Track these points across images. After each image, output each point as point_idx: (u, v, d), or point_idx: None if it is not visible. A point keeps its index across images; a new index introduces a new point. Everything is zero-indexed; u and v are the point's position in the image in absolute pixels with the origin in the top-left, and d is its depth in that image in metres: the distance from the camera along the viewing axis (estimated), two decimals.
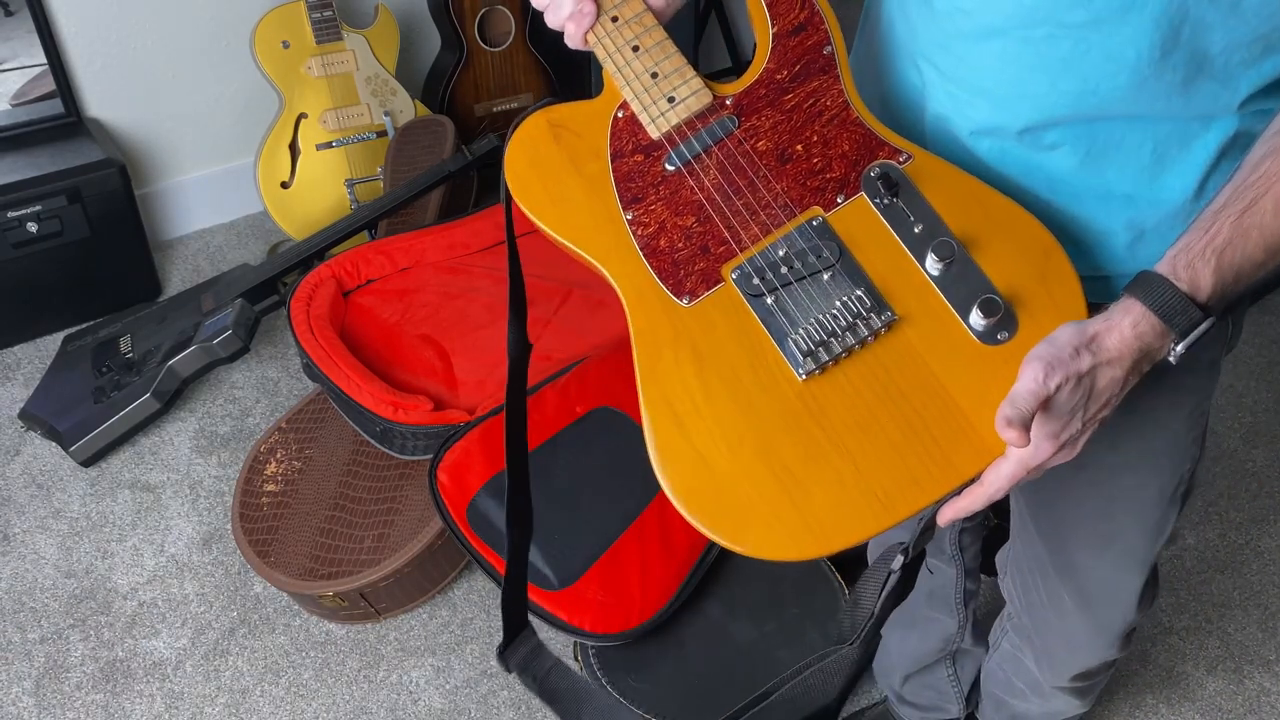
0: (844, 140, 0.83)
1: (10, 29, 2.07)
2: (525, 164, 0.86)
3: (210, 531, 1.81)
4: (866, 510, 0.73)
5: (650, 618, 1.46)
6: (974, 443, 0.74)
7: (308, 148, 2.22)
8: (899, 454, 0.74)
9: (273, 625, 1.68)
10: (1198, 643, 1.66)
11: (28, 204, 2.00)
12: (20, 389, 2.04)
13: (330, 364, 1.72)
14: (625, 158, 0.85)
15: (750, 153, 0.83)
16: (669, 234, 0.82)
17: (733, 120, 0.84)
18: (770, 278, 0.79)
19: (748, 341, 0.78)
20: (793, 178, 0.82)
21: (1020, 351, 0.72)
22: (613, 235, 0.83)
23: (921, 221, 0.79)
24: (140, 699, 1.59)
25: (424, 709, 1.58)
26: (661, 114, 0.85)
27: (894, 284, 0.78)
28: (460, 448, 1.60)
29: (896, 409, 0.75)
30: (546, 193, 0.85)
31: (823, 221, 0.80)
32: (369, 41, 2.22)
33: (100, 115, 2.22)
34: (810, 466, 0.74)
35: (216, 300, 1.97)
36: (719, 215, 0.82)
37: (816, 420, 0.75)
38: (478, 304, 1.89)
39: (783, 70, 0.85)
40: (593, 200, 0.84)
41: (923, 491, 0.73)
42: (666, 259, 0.82)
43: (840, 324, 0.76)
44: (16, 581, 1.74)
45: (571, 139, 0.86)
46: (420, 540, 1.59)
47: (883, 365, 0.76)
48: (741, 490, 0.74)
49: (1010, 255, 0.77)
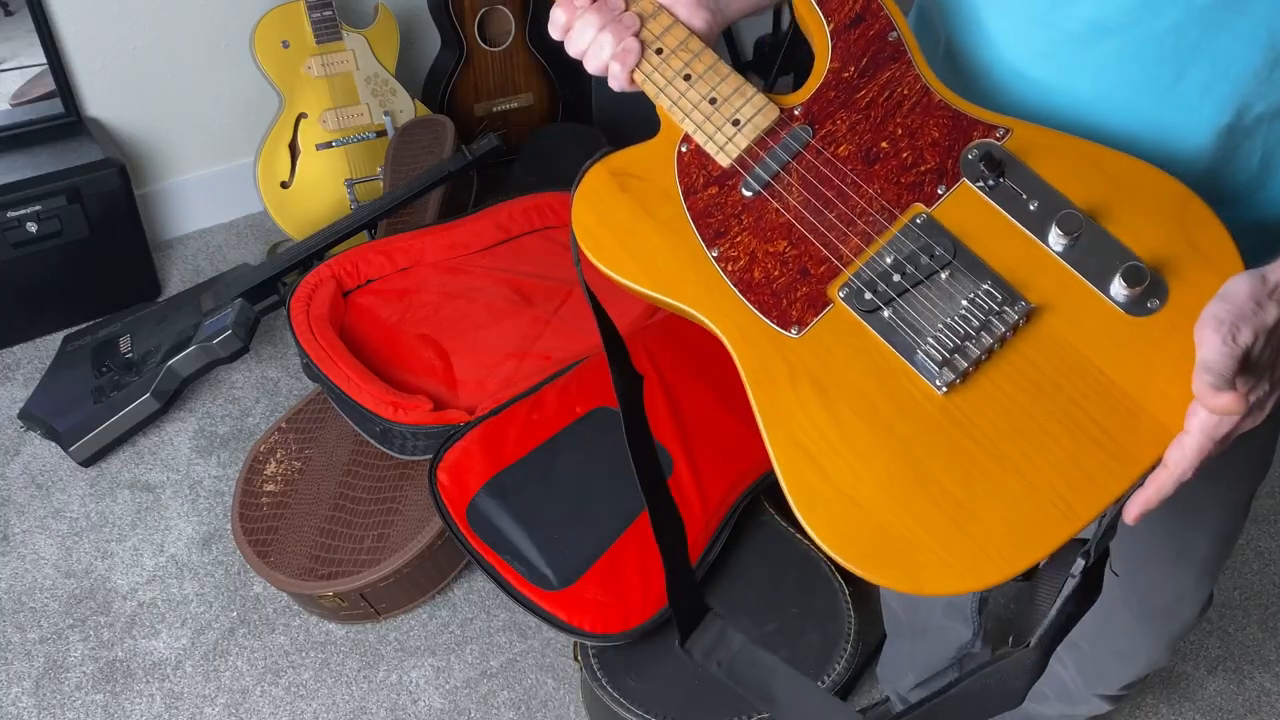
0: (932, 127, 0.76)
1: (10, 29, 2.07)
2: (595, 220, 0.80)
3: (210, 531, 1.81)
4: (1045, 521, 0.66)
5: (650, 618, 1.46)
6: (1147, 426, 0.67)
7: (307, 147, 2.22)
8: (1068, 454, 0.67)
9: (273, 625, 1.68)
10: (1198, 643, 1.66)
11: (27, 204, 2.00)
12: (20, 389, 2.04)
13: (330, 364, 1.72)
14: (699, 193, 0.79)
15: (832, 160, 0.77)
16: (762, 264, 0.76)
17: (807, 130, 0.78)
18: (883, 289, 0.72)
19: (873, 362, 0.71)
20: (884, 178, 0.76)
21: (1178, 318, 0.66)
22: (702, 277, 0.77)
23: (1036, 197, 0.72)
24: (140, 699, 1.59)
25: (424, 709, 1.58)
26: (729, 139, 0.79)
27: (1022, 270, 0.71)
28: (460, 448, 1.60)
29: (1055, 405, 0.68)
30: (623, 246, 0.79)
31: (928, 218, 0.74)
32: (369, 41, 2.22)
33: (100, 115, 2.22)
34: (973, 486, 0.67)
35: (216, 300, 1.97)
36: (813, 233, 0.76)
37: (969, 434, 0.69)
38: (478, 304, 1.89)
39: (849, 67, 0.79)
40: (673, 244, 0.78)
41: (1102, 489, 0.66)
42: (765, 291, 0.75)
43: (973, 324, 0.70)
44: (16, 581, 1.74)
45: (638, 185, 0.80)
46: (420, 540, 1.59)
47: (1029, 361, 0.69)
48: (902, 526, 0.67)
49: (1144, 215, 0.70)
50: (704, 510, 1.54)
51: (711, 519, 1.54)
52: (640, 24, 0.79)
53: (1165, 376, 0.66)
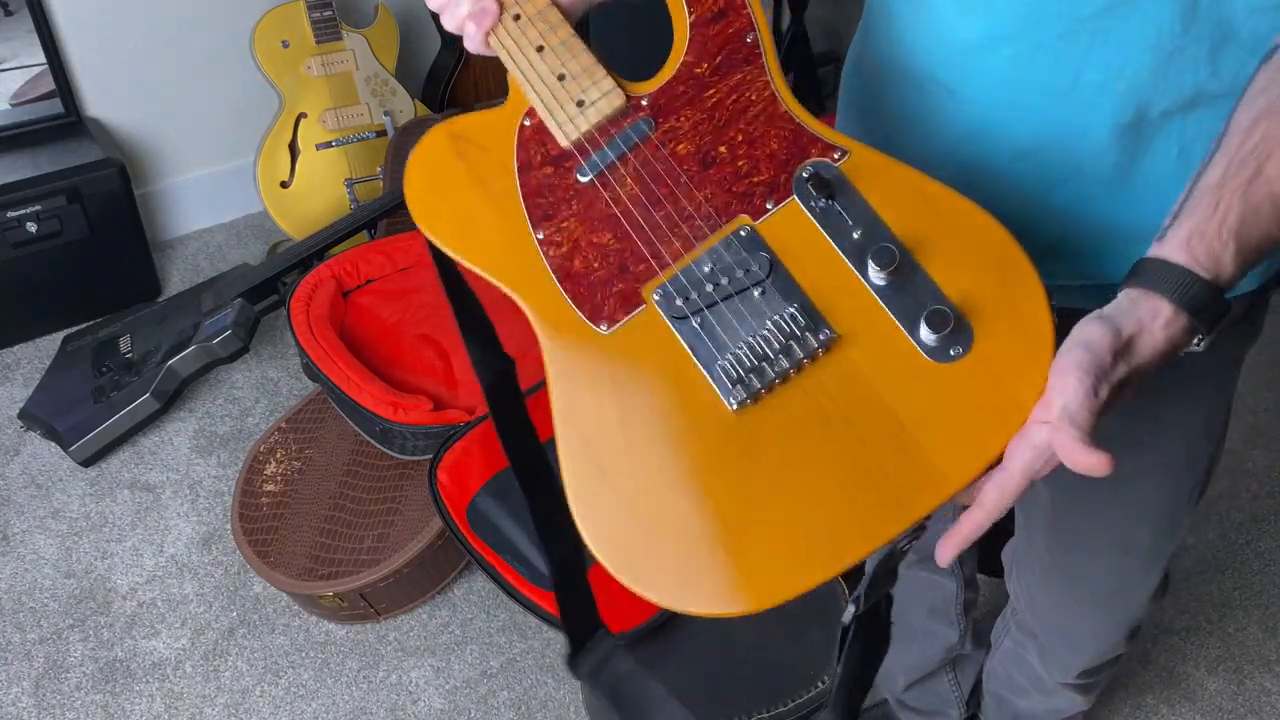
0: (772, 138, 0.74)
1: (10, 29, 2.07)
2: (425, 185, 0.77)
3: (210, 531, 1.80)
4: (811, 558, 0.64)
5: (650, 618, 1.46)
6: (929, 476, 0.64)
7: (307, 147, 2.22)
8: (845, 492, 0.64)
9: (272, 625, 1.68)
10: (1198, 643, 1.66)
11: (27, 204, 2.00)
12: (20, 389, 2.04)
13: (330, 364, 1.72)
14: (534, 170, 0.77)
15: (669, 158, 0.75)
16: (584, 253, 0.74)
17: (649, 123, 0.76)
18: (695, 297, 0.70)
19: (674, 370, 0.69)
20: (717, 183, 0.73)
21: (977, 368, 0.64)
22: (523, 258, 0.74)
23: (861, 226, 0.69)
24: (140, 699, 1.59)
25: (424, 709, 1.58)
26: (570, 119, 0.76)
27: (832, 298, 0.69)
28: (460, 448, 1.60)
29: (841, 440, 0.65)
30: (451, 215, 0.76)
31: (751, 231, 0.72)
32: (369, 41, 2.22)
33: (100, 115, 2.22)
34: (746, 510, 0.65)
35: (216, 300, 1.97)
36: (637, 230, 0.74)
37: (751, 457, 0.66)
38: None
39: (702, 63, 0.76)
40: (501, 220, 0.75)
41: (874, 533, 0.64)
42: (582, 281, 0.73)
43: (774, 346, 0.67)
44: (16, 581, 1.74)
45: (476, 153, 0.78)
46: (420, 540, 1.59)
47: (824, 390, 0.67)
48: (671, 541, 0.65)
49: (961, 258, 0.68)
50: None
51: None
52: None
53: (956, 426, 0.64)
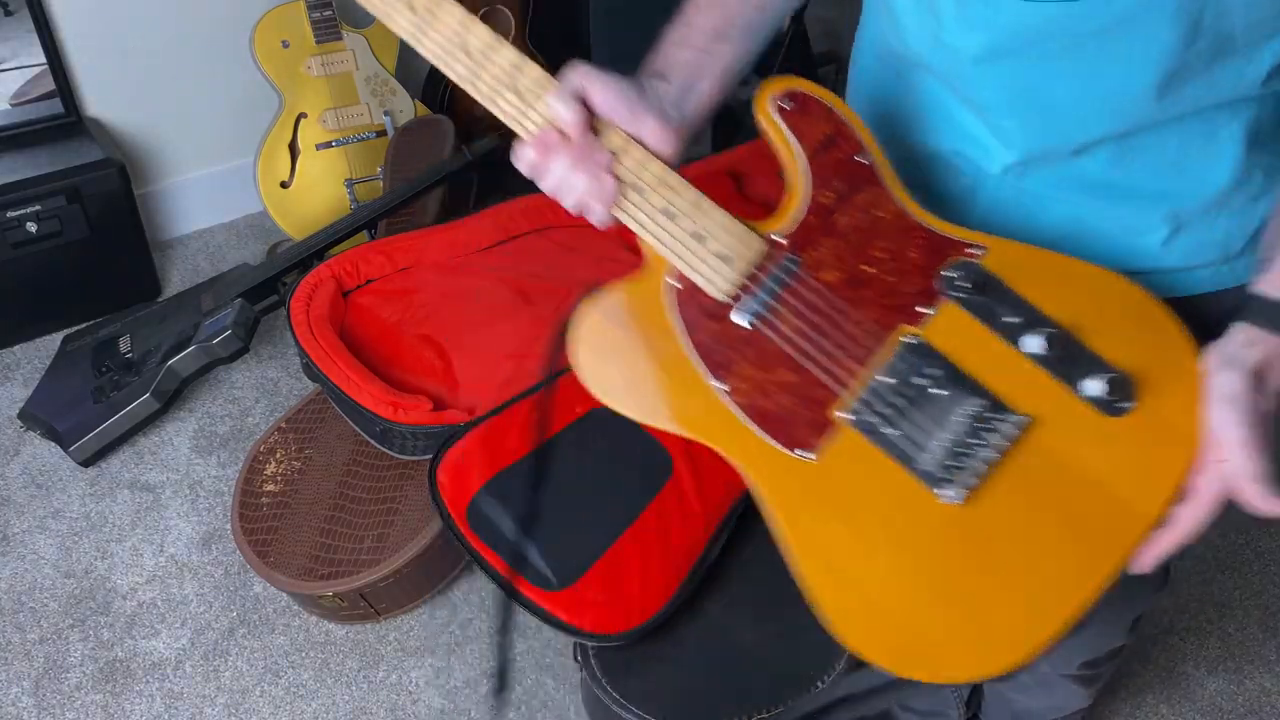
0: (911, 248, 0.79)
1: (10, 29, 2.07)
2: (598, 363, 0.81)
3: (210, 531, 1.80)
4: (1051, 612, 0.74)
5: (650, 618, 1.45)
6: (1130, 516, 0.75)
7: (307, 147, 2.22)
8: (1060, 550, 0.74)
9: (272, 625, 1.68)
10: (1198, 643, 1.66)
11: (27, 204, 2.00)
12: (20, 389, 2.04)
13: (330, 364, 1.71)
14: (697, 328, 0.80)
15: (821, 287, 0.79)
16: (767, 392, 0.79)
17: (793, 259, 0.79)
18: (884, 410, 0.77)
19: (885, 479, 0.76)
20: (871, 301, 0.79)
21: (1148, 416, 0.74)
22: (709, 410, 0.79)
23: (1014, 312, 0.76)
24: (140, 699, 1.59)
25: (424, 709, 1.58)
26: (720, 274, 0.79)
27: (1009, 384, 0.76)
28: (460, 448, 1.59)
29: (1046, 506, 0.75)
30: (630, 387, 0.80)
31: (917, 339, 0.78)
32: (369, 41, 2.22)
33: (100, 115, 2.22)
34: (980, 586, 0.74)
35: (216, 300, 1.97)
36: (811, 360, 0.78)
37: (978, 540, 0.75)
38: (478, 304, 1.89)
39: (826, 192, 0.80)
40: (678, 380, 0.80)
41: (1089, 579, 0.75)
42: (773, 419, 0.78)
43: (973, 440, 0.75)
44: (16, 581, 1.74)
45: (636, 324, 0.81)
46: (420, 540, 1.59)
47: (1025, 469, 0.75)
48: (930, 628, 0.74)
49: (1111, 323, 0.76)
50: (704, 510, 1.54)
51: (711, 519, 1.54)
52: (613, 159, 0.77)
53: (1140, 468, 0.73)
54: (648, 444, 1.60)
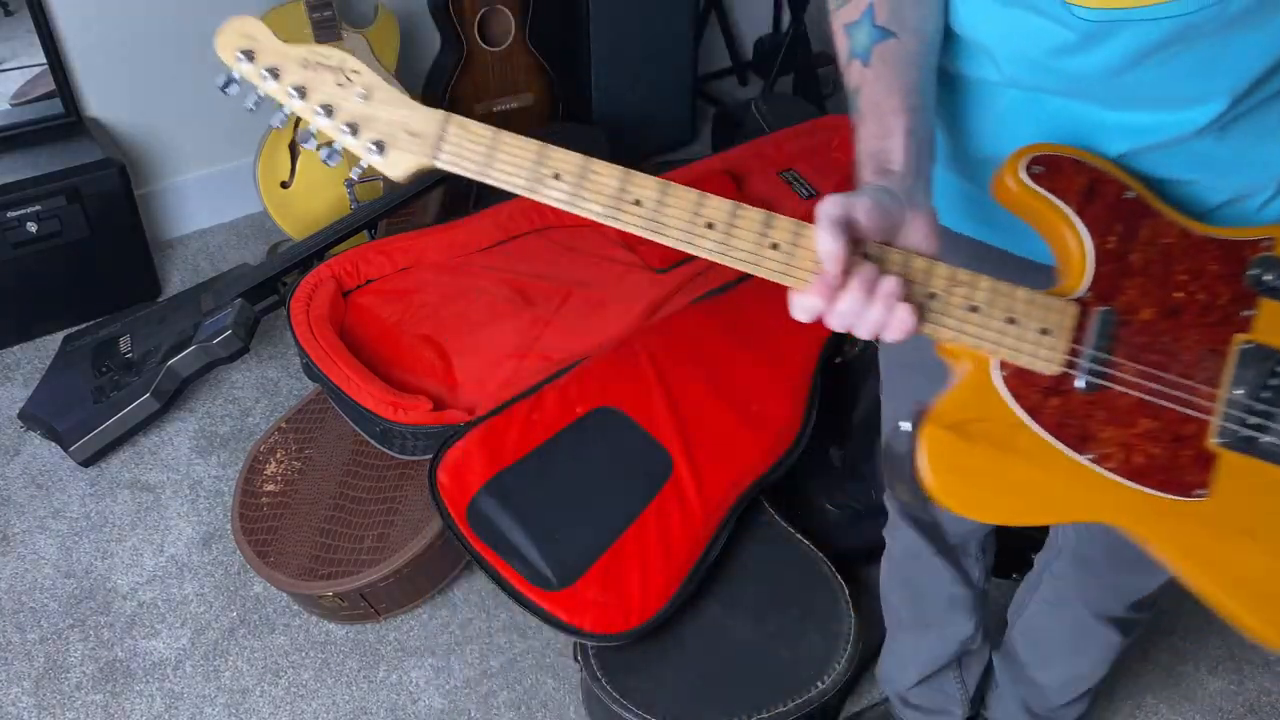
0: (1208, 262, 0.80)
1: (10, 29, 2.07)
2: (960, 482, 0.79)
3: (210, 531, 1.81)
4: None
5: (650, 618, 1.46)
6: None
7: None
8: None
9: (273, 625, 1.68)
10: (1199, 643, 1.66)
11: (27, 204, 2.00)
12: (20, 389, 2.04)
13: (330, 364, 1.72)
14: (1043, 409, 0.79)
15: (1144, 328, 0.79)
16: (1137, 448, 0.79)
17: (1108, 311, 0.79)
18: (1253, 421, 0.78)
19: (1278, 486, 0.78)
20: (1194, 324, 0.79)
21: None
22: (1090, 486, 0.79)
23: None
24: (140, 699, 1.59)
25: (424, 709, 1.58)
26: (1046, 349, 0.78)
27: None
28: (460, 448, 1.60)
29: None
30: (1000, 494, 0.80)
31: (1252, 343, 0.78)
32: (369, 41, 2.22)
33: (100, 115, 2.22)
34: None
35: (216, 300, 1.97)
36: (1165, 400, 0.79)
37: None
38: (478, 304, 1.89)
39: (1108, 238, 0.81)
40: (1047, 470, 0.79)
41: None
42: (1153, 472, 0.79)
43: None
44: (16, 581, 1.74)
45: (981, 428, 0.79)
46: (420, 540, 1.59)
47: None
48: None
49: None
50: (704, 510, 1.54)
51: (711, 519, 1.54)
52: (899, 285, 0.73)
53: None
54: (648, 444, 1.60)
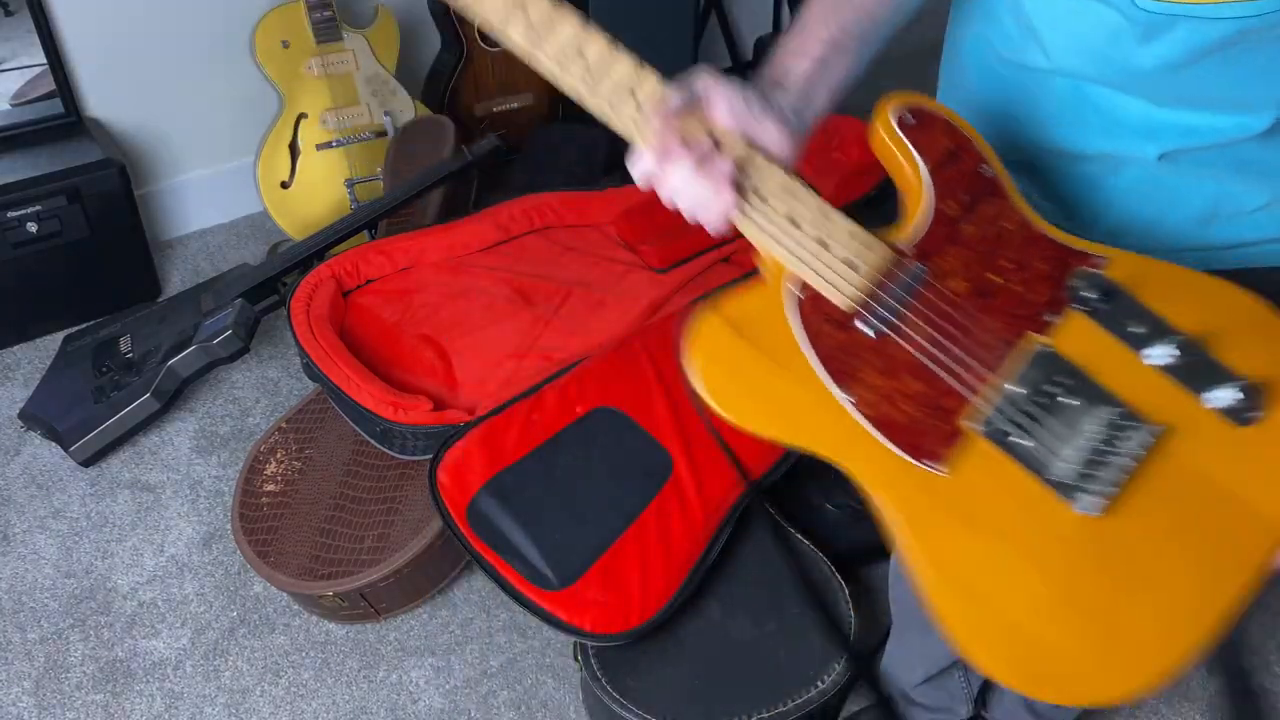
0: (1037, 258, 0.79)
1: (10, 29, 2.07)
2: (718, 372, 0.78)
3: (210, 531, 1.81)
4: (1188, 628, 0.72)
5: (650, 618, 1.46)
6: (1262, 527, 0.74)
7: (308, 148, 2.22)
8: (1193, 562, 0.73)
9: (273, 625, 1.68)
10: None
11: (27, 204, 2.00)
12: (20, 389, 2.04)
13: (330, 364, 1.71)
14: (824, 338, 0.78)
15: (949, 296, 0.79)
16: (895, 402, 0.77)
17: (920, 268, 0.79)
18: (1017, 419, 0.76)
19: (1017, 489, 0.75)
20: (999, 311, 0.78)
21: (1276, 424, 0.74)
22: (836, 422, 0.78)
23: (1141, 322, 0.76)
24: (140, 699, 1.59)
25: (424, 709, 1.58)
26: (846, 282, 0.78)
27: (1139, 393, 0.76)
28: (460, 448, 1.60)
29: (1185, 518, 0.74)
30: (751, 398, 0.78)
31: (1046, 348, 0.77)
32: (369, 41, 2.22)
33: (100, 115, 2.22)
34: (1117, 601, 0.73)
35: (216, 300, 1.97)
36: (941, 368, 0.78)
37: (1114, 554, 0.74)
38: (478, 304, 1.89)
39: (950, 203, 0.80)
40: (803, 392, 0.78)
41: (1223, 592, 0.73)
42: (901, 429, 0.77)
43: (1108, 449, 0.74)
44: (16, 581, 1.74)
45: (758, 333, 0.79)
46: (420, 540, 1.59)
47: (1160, 479, 0.74)
48: (1063, 646, 0.72)
49: (1235, 333, 0.76)
50: (704, 510, 1.54)
51: (711, 519, 1.54)
52: (735, 169, 0.75)
53: (1272, 477, 0.73)
54: (648, 444, 1.60)
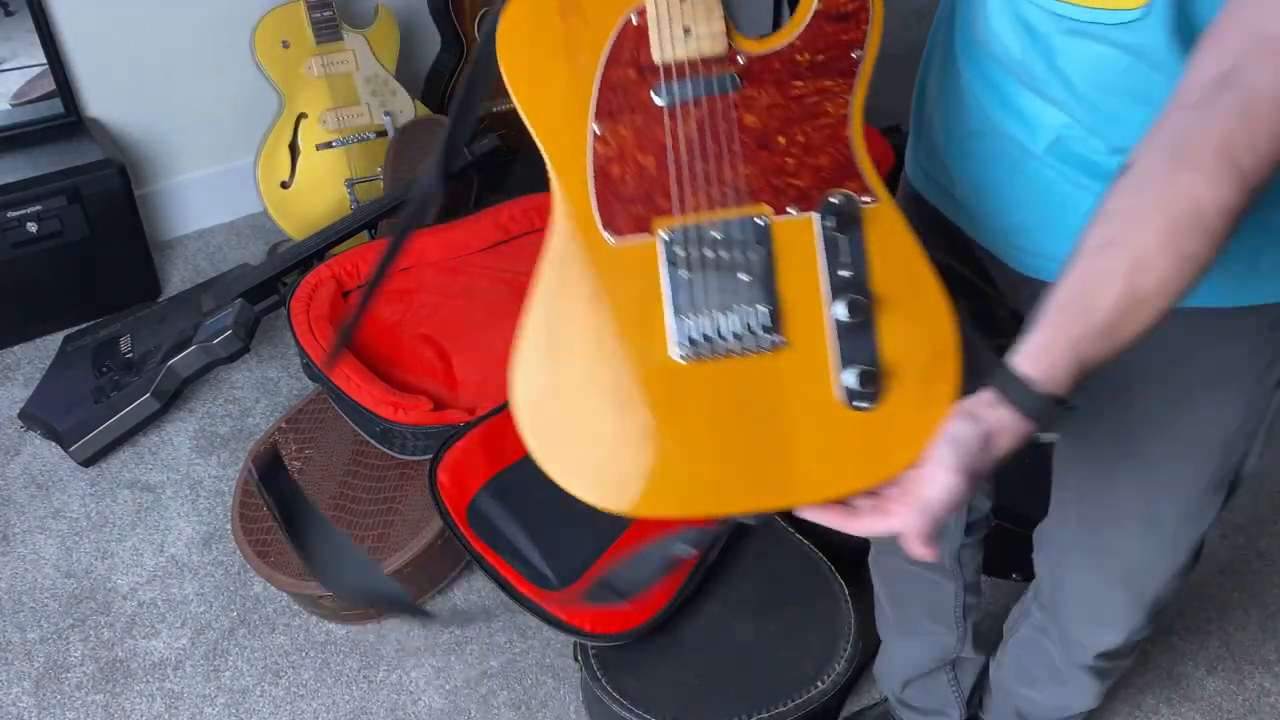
0: (824, 153, 0.79)
1: (10, 29, 2.07)
2: (523, 30, 0.80)
3: (210, 531, 1.81)
4: (680, 494, 0.78)
5: (650, 618, 1.46)
6: (787, 483, 0.76)
7: (308, 148, 2.22)
8: (726, 460, 0.77)
9: (273, 625, 1.68)
10: (1198, 643, 1.66)
11: (28, 204, 2.00)
12: (20, 389, 2.04)
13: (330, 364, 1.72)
14: (620, 67, 0.80)
15: (735, 122, 0.79)
16: (624, 165, 0.80)
17: (735, 81, 0.79)
18: (695, 255, 0.78)
19: (645, 302, 0.78)
20: (761, 166, 0.79)
21: (873, 425, 0.75)
22: (573, 139, 0.80)
23: (852, 267, 0.77)
24: (140, 699, 1.59)
25: (424, 709, 1.58)
26: (672, 40, 0.79)
27: (797, 313, 0.77)
28: (460, 448, 1.60)
29: (743, 422, 0.77)
30: (531, 67, 0.81)
31: (767, 224, 0.78)
32: (369, 41, 2.22)
33: (100, 115, 2.22)
34: (651, 435, 0.77)
35: (216, 300, 1.97)
36: (677, 169, 0.79)
37: (672, 399, 0.77)
38: (478, 304, 1.89)
39: (805, 53, 0.80)
40: (571, 95, 0.80)
41: (728, 502, 0.78)
42: (610, 188, 0.80)
43: (734, 328, 0.77)
44: (16, 581, 1.74)
45: (578, 21, 0.81)
46: (420, 540, 1.59)
47: (750, 378, 0.77)
48: (581, 431, 0.78)
49: (909, 337, 0.77)
50: None
51: (711, 519, 1.54)
52: None
53: (829, 461, 0.76)
54: None
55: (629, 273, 0.79)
